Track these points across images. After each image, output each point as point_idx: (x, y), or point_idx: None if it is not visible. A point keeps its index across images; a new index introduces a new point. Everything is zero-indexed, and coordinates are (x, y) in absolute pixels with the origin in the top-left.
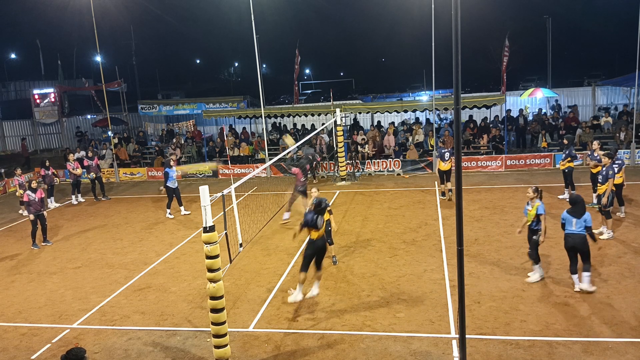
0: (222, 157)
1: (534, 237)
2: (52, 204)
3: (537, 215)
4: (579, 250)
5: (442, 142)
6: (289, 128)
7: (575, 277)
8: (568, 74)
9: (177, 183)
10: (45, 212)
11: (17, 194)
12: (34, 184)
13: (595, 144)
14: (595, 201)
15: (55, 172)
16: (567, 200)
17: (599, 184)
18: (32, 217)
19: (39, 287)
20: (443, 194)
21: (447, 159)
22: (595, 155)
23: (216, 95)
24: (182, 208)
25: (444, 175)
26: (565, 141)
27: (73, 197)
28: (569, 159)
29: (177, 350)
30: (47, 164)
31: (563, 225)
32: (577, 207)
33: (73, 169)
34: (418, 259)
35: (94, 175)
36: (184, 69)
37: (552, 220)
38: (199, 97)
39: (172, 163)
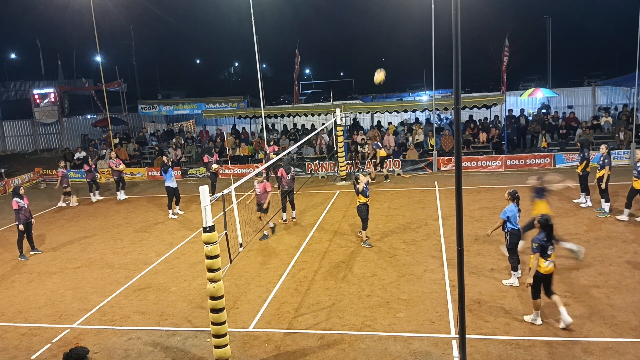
0: (222, 157)
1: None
2: (94, 197)
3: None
4: None
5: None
6: (288, 128)
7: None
8: (568, 74)
9: (176, 182)
10: (33, 220)
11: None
12: (21, 191)
13: None
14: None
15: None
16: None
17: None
18: (21, 227)
19: (39, 287)
20: (387, 177)
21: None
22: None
23: (216, 95)
24: (176, 207)
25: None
26: (578, 144)
27: (118, 193)
28: (585, 162)
29: (177, 350)
30: (90, 161)
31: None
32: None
33: (116, 166)
34: (418, 259)
35: (217, 168)
36: (184, 69)
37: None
38: (199, 97)
39: (168, 162)
